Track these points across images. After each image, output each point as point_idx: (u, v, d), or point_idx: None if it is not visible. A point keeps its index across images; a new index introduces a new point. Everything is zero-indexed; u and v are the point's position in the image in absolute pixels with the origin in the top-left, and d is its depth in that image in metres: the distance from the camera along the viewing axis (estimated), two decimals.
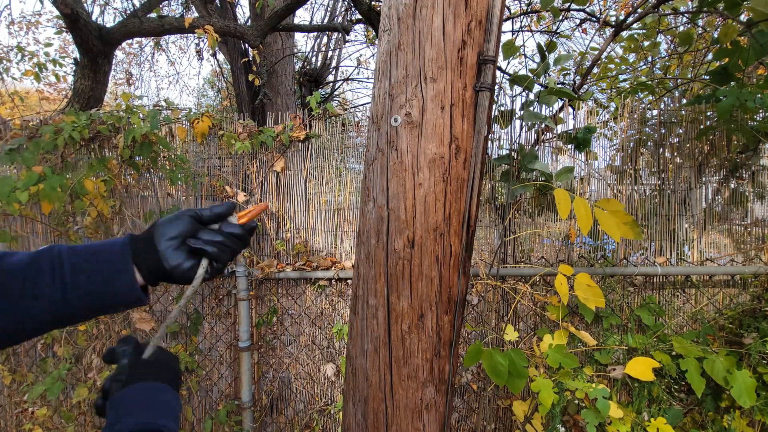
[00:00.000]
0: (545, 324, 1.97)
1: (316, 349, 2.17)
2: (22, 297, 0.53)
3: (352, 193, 2.13)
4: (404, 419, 1.03)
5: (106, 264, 0.57)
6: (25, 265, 0.54)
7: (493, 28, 0.97)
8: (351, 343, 1.12)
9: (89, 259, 0.57)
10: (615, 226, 1.38)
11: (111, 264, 0.57)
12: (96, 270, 0.56)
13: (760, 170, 1.95)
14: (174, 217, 0.62)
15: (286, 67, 4.60)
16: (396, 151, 0.99)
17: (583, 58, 3.61)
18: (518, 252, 2.03)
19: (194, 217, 0.63)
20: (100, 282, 0.56)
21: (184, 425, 2.23)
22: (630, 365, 1.59)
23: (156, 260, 0.60)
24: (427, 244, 0.99)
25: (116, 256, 0.58)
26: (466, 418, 2.09)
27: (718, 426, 1.78)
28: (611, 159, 2.08)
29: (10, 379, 2.20)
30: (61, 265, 0.55)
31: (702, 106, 1.95)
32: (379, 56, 1.05)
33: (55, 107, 5.76)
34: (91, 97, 3.14)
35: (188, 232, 0.63)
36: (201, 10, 4.23)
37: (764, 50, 1.76)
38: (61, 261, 0.55)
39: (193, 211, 0.64)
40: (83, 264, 0.56)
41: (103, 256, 0.57)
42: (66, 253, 0.56)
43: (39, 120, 2.14)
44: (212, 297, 2.18)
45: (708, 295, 1.95)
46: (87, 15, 2.95)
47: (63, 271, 0.55)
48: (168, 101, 2.18)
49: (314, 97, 2.21)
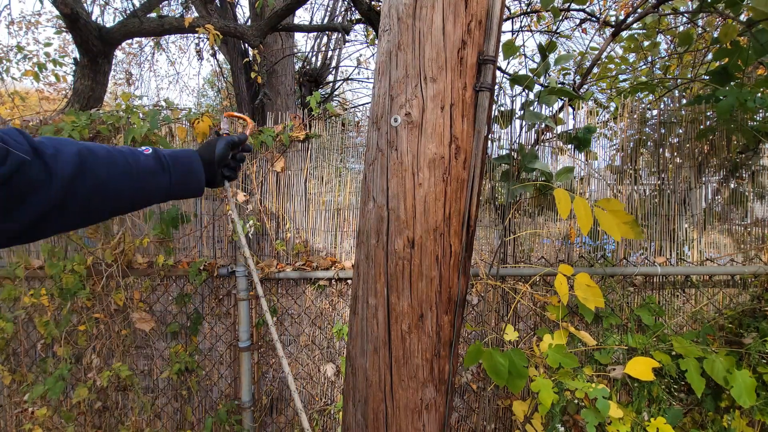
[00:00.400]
0: (545, 324, 1.97)
1: (316, 349, 2.17)
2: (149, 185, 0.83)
3: (352, 193, 2.13)
4: (404, 419, 1.03)
5: (193, 170, 0.92)
6: (152, 166, 0.83)
7: (493, 28, 0.97)
8: (351, 343, 1.12)
9: (183, 163, 0.89)
10: (615, 226, 1.38)
11: (196, 170, 0.92)
12: (186, 172, 0.90)
13: (760, 170, 1.95)
14: (223, 147, 0.99)
15: (286, 67, 4.60)
16: (396, 151, 0.99)
17: (583, 58, 3.61)
18: (518, 252, 2.03)
19: (231, 145, 1.02)
20: (188, 181, 0.90)
21: (184, 425, 2.23)
22: (630, 365, 1.59)
23: (208, 173, 0.97)
24: (427, 244, 0.99)
25: (197, 164, 0.92)
26: (466, 418, 2.09)
27: (717, 426, 1.78)
28: (611, 159, 2.08)
29: (10, 379, 2.20)
30: (168, 168, 0.86)
31: (702, 106, 1.95)
32: (379, 56, 1.05)
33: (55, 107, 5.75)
34: (91, 97, 3.14)
35: (228, 157, 1.02)
36: (201, 10, 4.23)
37: (764, 50, 1.76)
38: (167, 164, 0.86)
39: (230, 139, 1.01)
40: (180, 167, 0.88)
41: (191, 165, 0.91)
42: (169, 158, 0.87)
43: (39, 120, 2.14)
44: (212, 297, 2.18)
45: (708, 295, 1.95)
46: (87, 15, 2.95)
47: (170, 171, 0.86)
48: (168, 101, 2.18)
49: (314, 97, 2.21)
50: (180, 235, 2.17)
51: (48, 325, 2.08)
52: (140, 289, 2.15)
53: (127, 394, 2.21)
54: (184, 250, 2.18)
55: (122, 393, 2.22)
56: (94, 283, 2.06)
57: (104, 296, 2.08)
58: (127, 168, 0.77)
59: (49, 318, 2.11)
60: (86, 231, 2.08)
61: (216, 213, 2.16)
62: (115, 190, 0.75)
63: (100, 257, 2.06)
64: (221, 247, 2.18)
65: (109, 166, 0.74)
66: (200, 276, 2.07)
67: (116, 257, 2.04)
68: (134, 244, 2.07)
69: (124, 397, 2.22)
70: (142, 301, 2.15)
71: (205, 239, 2.18)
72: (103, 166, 0.73)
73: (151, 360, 2.22)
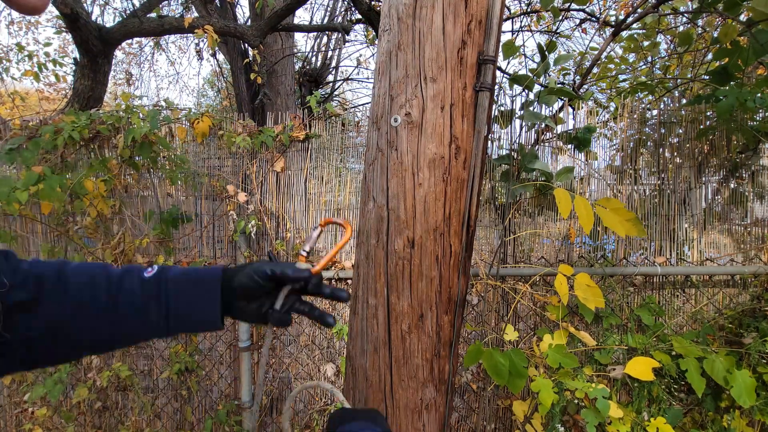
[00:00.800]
0: (545, 324, 1.97)
1: (316, 349, 2.17)
2: (131, 318, 0.59)
3: (352, 193, 2.13)
4: (404, 419, 1.03)
5: (205, 311, 0.62)
6: (140, 295, 0.59)
7: (492, 28, 0.97)
8: (351, 343, 1.12)
9: (190, 300, 0.62)
10: (619, 224, 1.38)
11: (206, 312, 0.62)
12: (194, 302, 0.62)
13: (760, 170, 1.95)
14: (248, 281, 0.63)
15: (286, 67, 4.59)
16: (396, 151, 0.99)
17: (583, 58, 3.61)
18: (518, 252, 2.03)
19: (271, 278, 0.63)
20: (195, 313, 0.62)
21: (184, 425, 2.23)
22: (630, 365, 1.59)
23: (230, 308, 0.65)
24: (427, 244, 0.99)
25: (211, 304, 0.62)
26: (466, 418, 2.09)
27: (717, 426, 1.78)
28: (611, 159, 2.08)
29: (10, 380, 2.20)
30: (167, 296, 0.60)
31: (702, 106, 1.95)
32: (379, 56, 1.05)
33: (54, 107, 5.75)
34: (91, 97, 3.14)
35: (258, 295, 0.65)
36: (201, 10, 4.23)
37: (764, 50, 1.76)
38: (168, 292, 0.60)
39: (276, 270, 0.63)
40: (185, 306, 0.61)
41: (200, 301, 0.62)
42: (172, 283, 0.61)
43: (39, 120, 2.14)
44: None
45: (708, 295, 1.95)
46: (87, 15, 2.95)
47: (169, 302, 0.60)
48: (168, 101, 2.18)
49: (314, 97, 2.21)
50: (180, 235, 2.17)
51: None
52: None
53: (127, 394, 2.21)
54: (184, 250, 2.18)
55: (122, 393, 2.22)
56: None
57: None
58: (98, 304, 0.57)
59: None
60: (86, 231, 2.08)
61: (216, 213, 2.16)
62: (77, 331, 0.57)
63: (100, 257, 2.06)
64: (221, 247, 2.18)
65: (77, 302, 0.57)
66: None
67: (116, 257, 2.04)
68: (134, 244, 2.07)
69: (124, 397, 2.22)
70: None
71: (205, 239, 2.18)
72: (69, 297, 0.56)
73: (151, 360, 2.21)
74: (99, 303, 0.57)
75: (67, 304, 0.56)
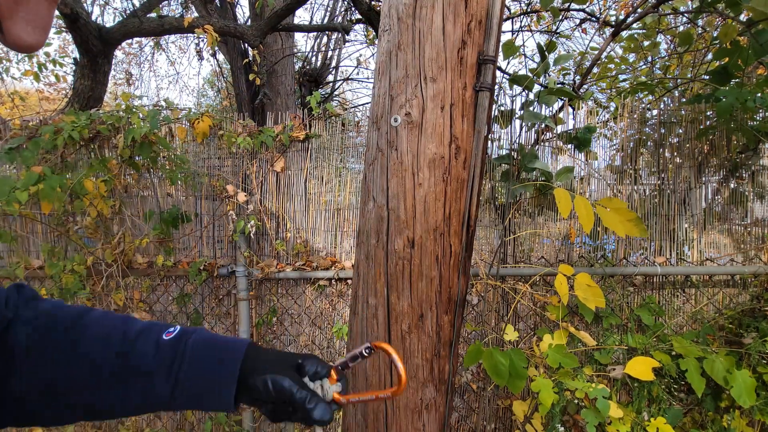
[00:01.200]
0: (545, 324, 1.97)
1: (316, 349, 2.17)
2: (134, 384, 0.52)
3: (352, 193, 2.13)
4: (404, 419, 1.03)
5: (217, 383, 0.53)
6: (151, 358, 0.52)
7: (492, 27, 0.97)
8: (351, 343, 1.12)
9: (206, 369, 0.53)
10: (619, 224, 1.38)
11: (220, 383, 0.53)
12: (208, 383, 0.53)
13: (760, 170, 1.95)
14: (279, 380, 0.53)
15: (286, 67, 4.59)
16: (396, 151, 0.99)
17: (583, 58, 3.61)
18: (518, 252, 2.03)
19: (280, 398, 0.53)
20: (206, 394, 0.53)
21: (184, 425, 2.23)
22: (630, 365, 1.59)
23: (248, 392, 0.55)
24: (427, 244, 0.99)
25: (228, 386, 0.53)
26: (466, 418, 2.09)
27: (717, 426, 1.78)
28: (611, 159, 2.08)
29: None
30: (179, 367, 0.52)
31: (702, 106, 1.95)
32: (379, 56, 1.05)
33: (55, 107, 5.75)
34: (91, 97, 3.14)
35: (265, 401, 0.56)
36: (201, 10, 4.23)
37: (764, 50, 1.76)
38: (182, 365, 0.52)
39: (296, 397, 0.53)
40: (199, 371, 0.53)
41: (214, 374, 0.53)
42: (189, 353, 0.53)
43: (39, 120, 2.14)
44: (212, 297, 2.18)
45: (708, 295, 1.95)
46: (87, 15, 2.95)
47: (179, 374, 0.52)
48: (168, 101, 2.18)
49: (314, 97, 2.21)
50: (180, 235, 2.17)
51: None
52: (140, 289, 2.15)
53: None
54: (184, 250, 2.18)
55: None
56: (94, 283, 2.06)
57: (104, 296, 2.08)
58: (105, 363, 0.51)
59: None
60: (86, 231, 2.08)
61: (216, 213, 2.16)
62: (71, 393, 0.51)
63: (100, 257, 2.06)
64: (221, 247, 2.18)
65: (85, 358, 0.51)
66: (200, 276, 2.07)
67: (116, 257, 2.04)
68: (134, 244, 2.07)
69: None
70: (142, 301, 2.15)
71: (205, 239, 2.18)
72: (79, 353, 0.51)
73: None
74: (106, 362, 0.51)
75: (72, 358, 0.50)
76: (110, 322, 0.54)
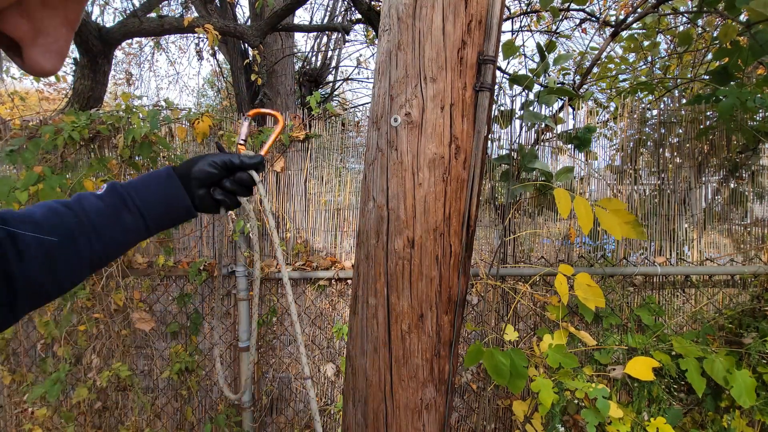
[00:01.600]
0: (545, 324, 1.97)
1: (316, 349, 2.17)
2: (113, 231, 0.63)
3: (352, 193, 2.13)
4: (404, 419, 1.03)
5: (169, 195, 0.69)
6: (104, 207, 0.63)
7: (493, 27, 0.97)
8: (351, 343, 1.12)
9: (153, 192, 0.68)
10: (617, 225, 1.38)
11: (173, 195, 0.69)
12: (162, 201, 0.68)
13: (760, 170, 1.95)
14: (207, 165, 0.71)
15: (286, 67, 4.59)
16: (396, 151, 0.99)
17: (583, 57, 3.61)
18: (518, 252, 2.03)
19: (221, 166, 0.72)
20: (168, 209, 0.69)
21: (184, 425, 2.23)
22: (630, 365, 1.59)
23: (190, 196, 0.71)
24: (427, 244, 0.99)
25: (174, 188, 0.69)
26: (466, 418, 2.09)
27: (717, 426, 1.78)
28: (611, 159, 2.08)
29: (10, 380, 2.19)
30: (134, 203, 0.65)
31: (702, 106, 1.95)
32: (378, 56, 1.05)
33: (55, 107, 5.75)
34: (91, 97, 3.14)
35: (215, 181, 0.72)
36: (201, 10, 4.23)
37: (763, 50, 1.76)
38: (133, 199, 0.65)
39: (223, 159, 0.72)
40: (151, 197, 0.67)
41: (163, 189, 0.68)
42: (133, 191, 0.66)
43: (39, 120, 2.14)
44: (212, 297, 2.18)
45: (708, 295, 1.95)
46: (87, 15, 2.95)
47: (138, 206, 0.66)
48: (168, 101, 2.18)
49: (314, 97, 2.21)
50: (180, 235, 2.17)
51: (48, 325, 2.08)
52: (140, 289, 2.15)
53: (127, 394, 2.21)
54: (184, 250, 2.18)
55: (122, 393, 2.22)
56: (94, 283, 2.06)
57: (104, 296, 2.08)
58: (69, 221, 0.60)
59: (49, 318, 2.11)
60: None
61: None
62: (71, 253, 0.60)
63: None
64: (221, 246, 2.18)
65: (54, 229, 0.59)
66: (200, 276, 2.07)
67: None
68: None
69: (124, 397, 2.22)
70: (142, 301, 2.15)
71: (205, 239, 2.18)
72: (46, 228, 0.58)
73: (151, 360, 2.21)
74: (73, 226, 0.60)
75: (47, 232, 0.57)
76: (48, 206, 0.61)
